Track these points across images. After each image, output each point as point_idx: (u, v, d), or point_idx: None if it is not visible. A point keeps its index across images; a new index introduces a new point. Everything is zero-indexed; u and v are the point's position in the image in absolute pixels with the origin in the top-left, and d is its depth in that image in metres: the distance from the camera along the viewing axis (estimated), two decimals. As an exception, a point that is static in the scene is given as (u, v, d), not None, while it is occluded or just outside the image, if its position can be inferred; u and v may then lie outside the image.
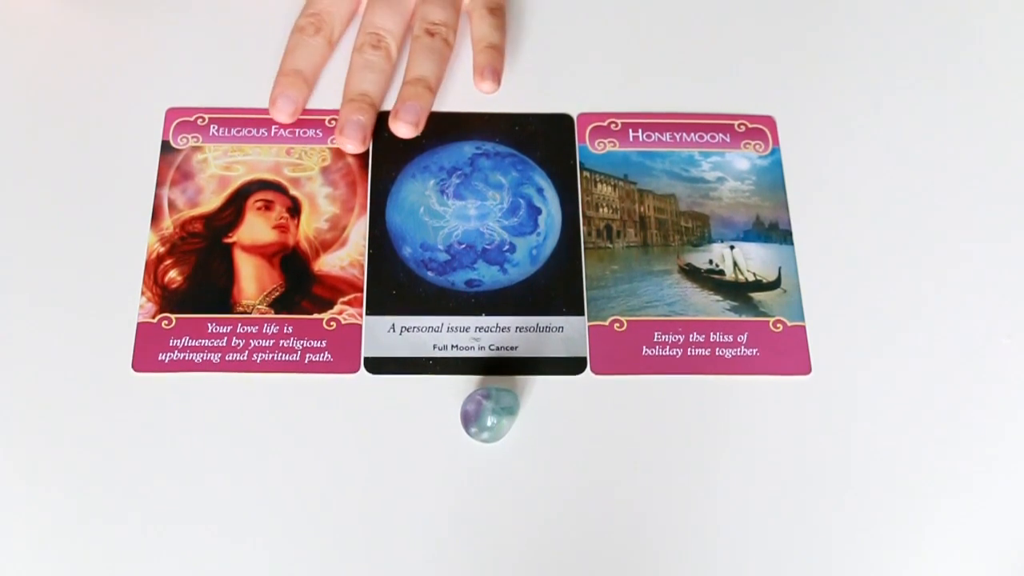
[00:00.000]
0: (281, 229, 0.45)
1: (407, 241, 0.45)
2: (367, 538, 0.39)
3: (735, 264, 0.45)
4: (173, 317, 0.43)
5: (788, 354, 0.43)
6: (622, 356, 0.43)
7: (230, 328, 0.43)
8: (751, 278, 0.45)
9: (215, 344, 0.42)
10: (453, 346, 0.43)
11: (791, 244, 0.46)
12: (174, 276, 0.44)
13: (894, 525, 0.40)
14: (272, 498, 0.40)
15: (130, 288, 0.43)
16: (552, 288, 0.44)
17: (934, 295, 0.45)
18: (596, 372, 0.43)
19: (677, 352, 0.43)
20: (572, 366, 0.43)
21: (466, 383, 0.42)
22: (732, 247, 0.46)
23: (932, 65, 0.51)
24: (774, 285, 0.45)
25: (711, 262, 0.45)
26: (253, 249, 0.45)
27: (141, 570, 0.38)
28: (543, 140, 0.48)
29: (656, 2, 0.52)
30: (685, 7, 0.52)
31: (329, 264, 0.44)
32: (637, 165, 0.47)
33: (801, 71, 0.50)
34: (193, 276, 0.44)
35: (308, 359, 0.42)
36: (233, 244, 0.45)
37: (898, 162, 0.48)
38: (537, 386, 0.42)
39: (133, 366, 0.42)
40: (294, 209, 0.46)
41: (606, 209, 0.46)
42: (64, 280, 0.43)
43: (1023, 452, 0.42)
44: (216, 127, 0.47)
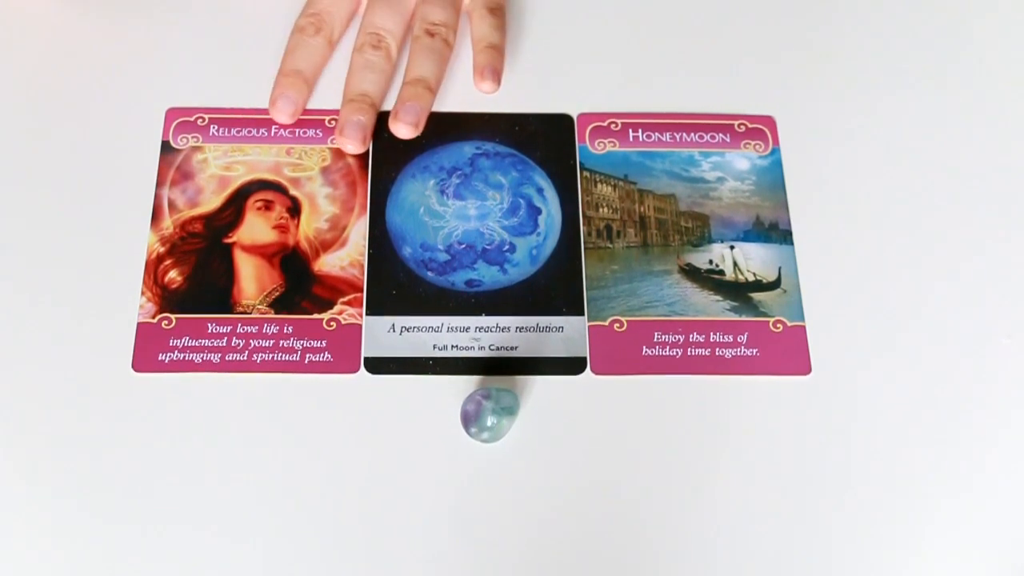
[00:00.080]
0: (281, 229, 0.45)
1: (407, 241, 0.45)
2: (367, 538, 0.39)
3: (735, 264, 0.45)
4: (173, 317, 0.43)
5: (788, 354, 0.43)
6: (622, 356, 0.43)
7: (230, 328, 0.43)
8: (751, 278, 0.45)
9: (215, 344, 0.42)
10: (453, 346, 0.43)
11: (791, 244, 0.46)
12: (174, 276, 0.44)
13: (894, 525, 0.40)
14: (272, 498, 0.40)
15: (130, 288, 0.43)
16: (552, 288, 0.44)
17: (934, 295, 0.45)
18: (596, 372, 0.43)
19: (677, 352, 0.43)
20: (572, 366, 0.43)
21: (466, 383, 0.42)
22: (732, 247, 0.46)
23: (932, 65, 0.51)
24: (774, 285, 0.45)
25: (711, 262, 0.45)
26: (253, 249, 0.45)
27: (141, 570, 0.38)
28: (543, 140, 0.48)
29: (656, 2, 0.52)
30: (685, 7, 0.52)
31: (329, 264, 0.44)
32: (637, 165, 0.47)
33: (801, 71, 0.50)
34: (193, 276, 0.44)
35: (308, 359, 0.42)
36: (233, 244, 0.45)
37: (898, 162, 0.48)
38: (537, 386, 0.42)
39: (133, 366, 0.42)
40: (294, 209, 0.46)
41: (606, 209, 0.46)
42: (64, 280, 0.43)
43: (1023, 452, 0.42)
44: (216, 127, 0.47)
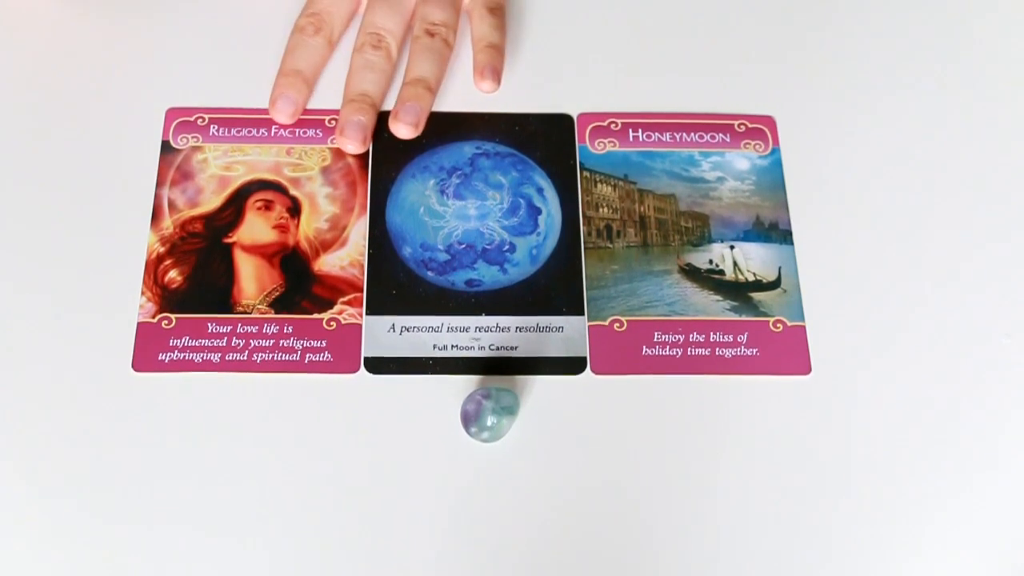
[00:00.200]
0: (281, 229, 0.45)
1: (407, 241, 0.45)
2: (367, 538, 0.39)
3: (735, 264, 0.45)
4: (173, 317, 0.43)
5: (788, 354, 0.43)
6: (622, 356, 0.43)
7: (230, 328, 0.43)
8: (751, 278, 0.45)
9: (215, 344, 0.42)
10: (453, 346, 0.43)
11: (791, 244, 0.46)
12: (174, 276, 0.44)
13: (894, 525, 0.40)
14: (272, 498, 0.40)
15: (130, 288, 0.43)
16: (552, 288, 0.44)
17: (934, 295, 0.45)
18: (596, 372, 0.43)
19: (677, 352, 0.43)
20: (572, 366, 0.43)
21: (466, 383, 0.42)
22: (732, 247, 0.46)
23: (932, 65, 0.51)
24: (774, 285, 0.45)
25: (711, 262, 0.45)
26: (253, 249, 0.45)
27: (141, 570, 0.38)
28: (543, 140, 0.48)
29: (656, 2, 0.52)
30: (685, 7, 0.52)
31: (329, 264, 0.44)
32: (637, 165, 0.47)
33: (801, 71, 0.50)
34: (193, 276, 0.44)
35: (308, 359, 0.42)
36: (233, 244, 0.45)
37: (898, 162, 0.48)
38: (537, 386, 0.42)
39: (133, 366, 0.42)
40: (294, 209, 0.46)
41: (606, 209, 0.46)
42: (64, 280, 0.43)
43: (1023, 452, 0.42)
44: (216, 127, 0.47)
